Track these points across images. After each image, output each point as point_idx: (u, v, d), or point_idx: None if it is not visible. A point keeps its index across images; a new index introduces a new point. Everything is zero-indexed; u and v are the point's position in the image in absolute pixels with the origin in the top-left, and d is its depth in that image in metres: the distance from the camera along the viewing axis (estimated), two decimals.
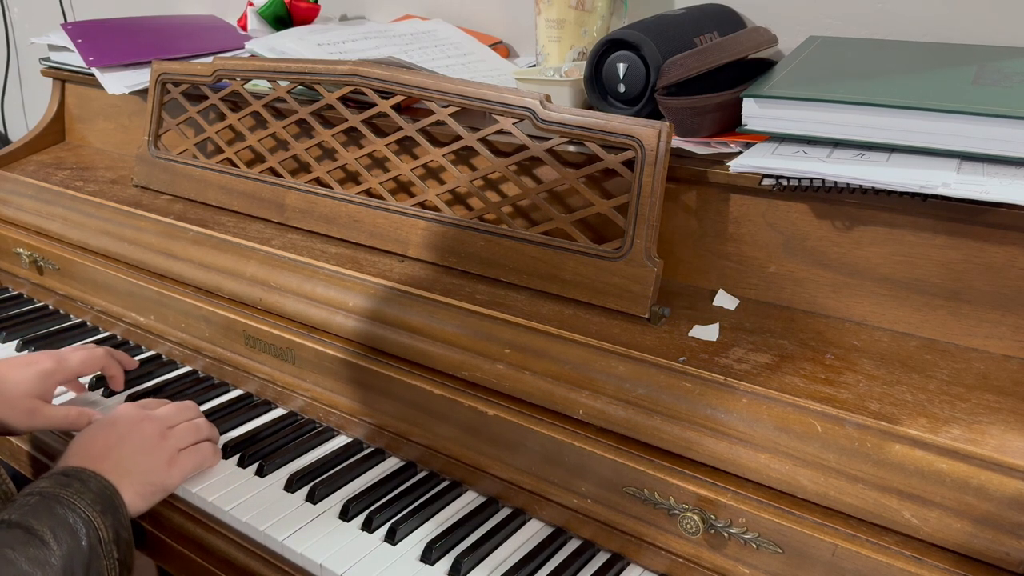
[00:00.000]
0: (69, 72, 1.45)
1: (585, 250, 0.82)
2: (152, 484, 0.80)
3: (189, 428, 0.86)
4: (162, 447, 0.82)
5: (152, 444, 0.82)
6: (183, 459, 0.84)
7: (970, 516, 0.58)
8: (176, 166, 1.18)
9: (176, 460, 0.83)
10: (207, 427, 0.89)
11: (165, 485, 0.81)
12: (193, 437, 0.86)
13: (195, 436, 0.86)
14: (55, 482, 0.74)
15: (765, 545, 0.65)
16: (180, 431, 0.85)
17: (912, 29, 0.98)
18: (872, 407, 0.65)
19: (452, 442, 0.83)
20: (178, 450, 0.84)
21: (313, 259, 0.95)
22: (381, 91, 0.97)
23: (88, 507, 0.72)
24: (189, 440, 0.85)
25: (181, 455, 0.84)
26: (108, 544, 0.72)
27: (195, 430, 0.87)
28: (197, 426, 0.87)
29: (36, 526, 0.69)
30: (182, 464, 0.83)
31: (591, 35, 1.04)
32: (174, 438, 0.84)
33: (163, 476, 0.81)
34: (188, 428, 0.86)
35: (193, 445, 0.86)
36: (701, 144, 0.84)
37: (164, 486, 0.81)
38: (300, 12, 1.38)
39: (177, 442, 0.84)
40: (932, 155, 0.73)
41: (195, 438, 0.86)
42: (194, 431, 0.86)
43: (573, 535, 0.78)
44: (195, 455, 0.85)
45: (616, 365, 0.73)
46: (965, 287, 0.72)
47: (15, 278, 1.32)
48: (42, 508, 0.70)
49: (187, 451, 0.85)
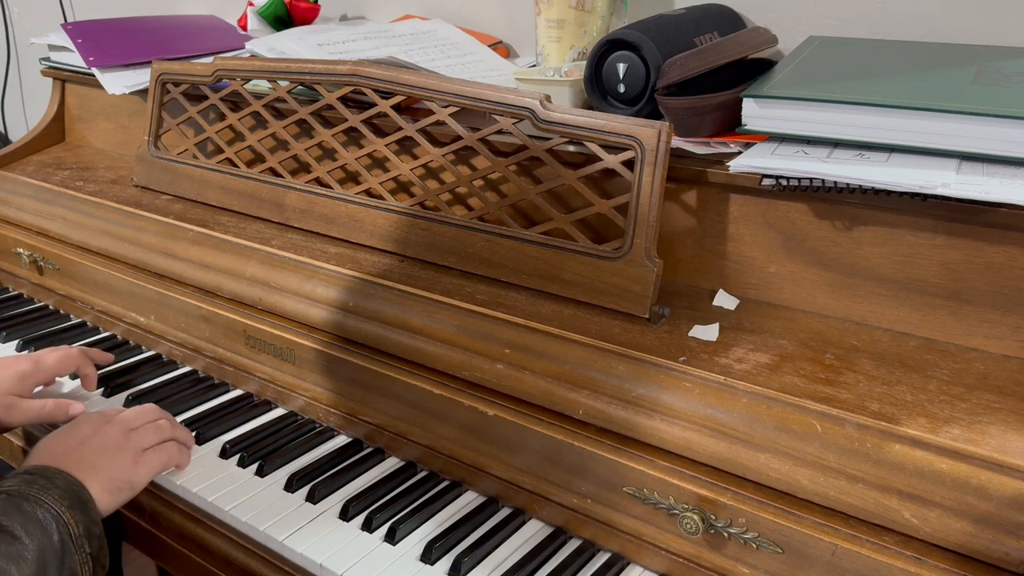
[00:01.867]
0: (69, 72, 1.45)
1: (585, 250, 0.82)
2: (118, 480, 0.81)
3: (151, 428, 0.87)
4: (126, 446, 0.83)
5: (116, 443, 0.83)
6: (148, 457, 0.84)
7: (970, 516, 0.58)
8: (176, 166, 1.18)
9: (141, 458, 0.84)
10: (170, 427, 0.89)
11: (132, 482, 0.82)
12: (156, 437, 0.87)
13: (158, 436, 0.87)
14: (20, 480, 0.74)
15: (765, 545, 0.65)
16: (143, 432, 0.86)
17: (912, 29, 0.98)
18: (872, 407, 0.65)
19: (452, 442, 0.83)
20: (142, 449, 0.84)
21: (313, 259, 0.95)
22: (381, 91, 0.97)
23: (55, 502, 0.72)
24: (152, 440, 0.86)
25: (146, 454, 0.84)
26: (79, 538, 0.72)
27: (157, 430, 0.87)
28: (159, 427, 0.88)
29: (5, 523, 0.69)
30: (148, 462, 0.84)
31: (591, 35, 1.04)
32: (137, 437, 0.85)
33: (129, 473, 0.82)
34: (150, 429, 0.87)
35: (158, 444, 0.86)
36: (701, 144, 0.84)
37: (131, 483, 0.82)
38: (300, 12, 1.38)
39: (141, 442, 0.85)
40: (932, 155, 0.73)
41: (158, 438, 0.87)
42: (156, 431, 0.87)
43: (573, 535, 0.78)
44: (160, 454, 0.85)
45: (616, 365, 0.73)
46: (965, 287, 0.72)
47: (15, 278, 1.32)
48: (9, 506, 0.71)
49: (152, 450, 0.85)
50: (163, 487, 0.88)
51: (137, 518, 0.89)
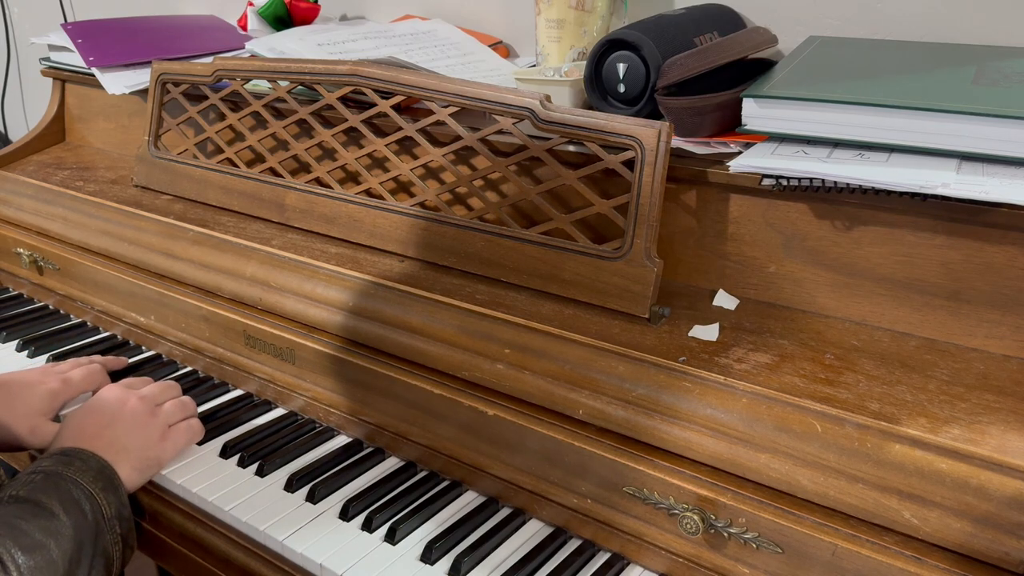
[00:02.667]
0: (69, 72, 1.45)
1: (585, 250, 0.82)
2: (147, 459, 0.83)
3: (176, 405, 0.90)
4: (153, 423, 0.86)
5: (143, 421, 0.85)
6: (174, 434, 0.87)
7: (970, 516, 0.58)
8: (176, 166, 1.18)
9: (168, 435, 0.86)
10: (192, 404, 0.92)
11: (160, 459, 0.85)
12: (181, 413, 0.89)
13: (183, 412, 0.90)
14: (56, 461, 0.77)
15: (765, 545, 0.65)
16: (168, 408, 0.89)
17: (912, 29, 0.98)
18: (872, 407, 0.65)
19: (452, 442, 0.83)
20: (168, 426, 0.87)
21: (313, 259, 0.95)
22: (381, 91, 0.97)
23: (90, 483, 0.75)
24: (178, 416, 0.89)
25: (172, 430, 0.87)
26: (111, 520, 0.75)
27: (182, 407, 0.90)
28: (183, 403, 0.91)
29: (44, 500, 0.72)
30: (174, 438, 0.87)
31: (591, 35, 1.04)
32: (164, 414, 0.88)
33: (157, 450, 0.84)
34: (175, 405, 0.90)
35: (183, 421, 0.89)
36: (701, 144, 0.84)
37: (159, 459, 0.85)
38: (300, 12, 1.38)
39: (167, 418, 0.88)
40: (932, 155, 0.73)
41: (183, 414, 0.89)
42: (181, 408, 0.90)
43: (573, 535, 0.78)
44: (187, 431, 0.88)
45: (616, 365, 0.73)
46: (965, 287, 0.72)
47: (15, 278, 1.32)
48: (48, 484, 0.73)
49: (177, 427, 0.88)
50: (163, 487, 0.88)
51: (137, 518, 0.89)
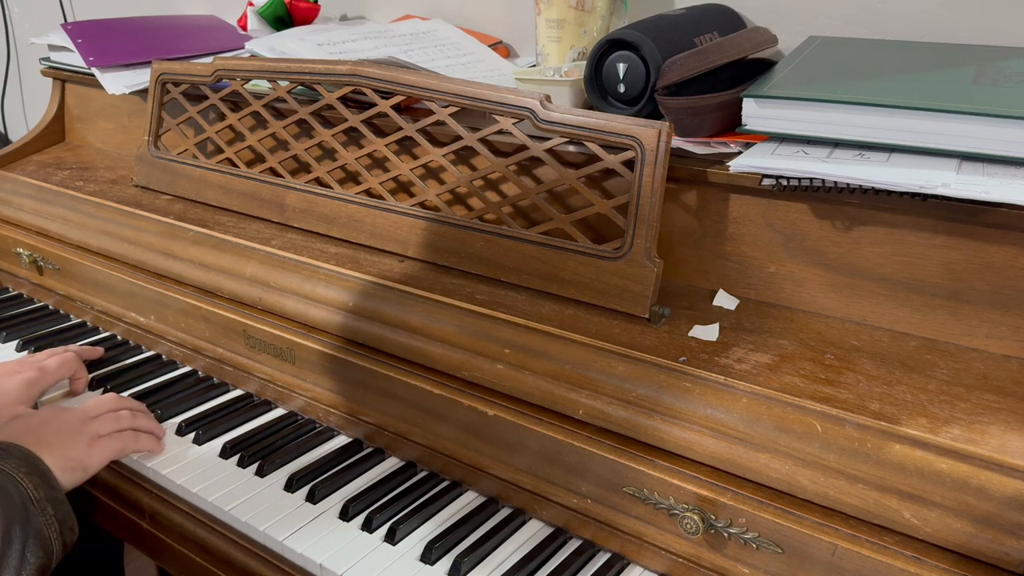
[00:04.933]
0: (69, 72, 1.45)
1: (585, 250, 0.82)
2: (72, 460, 0.84)
3: (109, 418, 0.91)
4: (82, 431, 0.87)
5: (72, 428, 0.87)
6: (103, 443, 0.88)
7: (970, 516, 0.58)
8: (176, 166, 1.18)
9: (96, 443, 0.87)
10: (129, 417, 0.92)
11: (85, 464, 0.85)
12: (114, 426, 0.90)
13: (115, 425, 0.90)
14: None
15: (765, 545, 0.65)
16: (100, 420, 0.90)
17: (912, 29, 0.98)
18: (872, 407, 0.65)
19: (452, 442, 0.83)
20: (98, 436, 0.88)
21: (313, 259, 0.95)
22: (381, 91, 0.97)
23: (13, 469, 0.77)
24: (109, 428, 0.89)
25: (102, 440, 0.88)
26: (41, 502, 0.76)
27: (115, 419, 0.91)
28: (117, 416, 0.91)
29: None
30: (102, 447, 0.87)
31: (591, 35, 1.04)
32: (95, 425, 0.89)
33: (83, 454, 0.85)
34: (108, 418, 0.91)
35: (115, 432, 0.89)
36: (701, 144, 0.84)
37: (84, 464, 0.85)
38: (300, 12, 1.38)
39: (97, 429, 0.88)
40: (932, 155, 0.73)
41: (115, 427, 0.90)
42: (114, 420, 0.91)
43: (573, 535, 0.78)
44: (115, 441, 0.89)
45: (616, 365, 0.73)
46: (965, 287, 0.72)
47: (15, 278, 1.32)
48: None
49: (108, 437, 0.88)
50: (163, 487, 0.88)
51: (137, 518, 0.89)
